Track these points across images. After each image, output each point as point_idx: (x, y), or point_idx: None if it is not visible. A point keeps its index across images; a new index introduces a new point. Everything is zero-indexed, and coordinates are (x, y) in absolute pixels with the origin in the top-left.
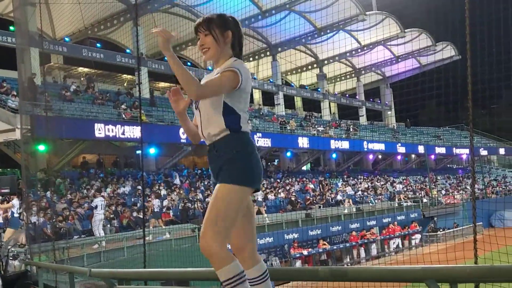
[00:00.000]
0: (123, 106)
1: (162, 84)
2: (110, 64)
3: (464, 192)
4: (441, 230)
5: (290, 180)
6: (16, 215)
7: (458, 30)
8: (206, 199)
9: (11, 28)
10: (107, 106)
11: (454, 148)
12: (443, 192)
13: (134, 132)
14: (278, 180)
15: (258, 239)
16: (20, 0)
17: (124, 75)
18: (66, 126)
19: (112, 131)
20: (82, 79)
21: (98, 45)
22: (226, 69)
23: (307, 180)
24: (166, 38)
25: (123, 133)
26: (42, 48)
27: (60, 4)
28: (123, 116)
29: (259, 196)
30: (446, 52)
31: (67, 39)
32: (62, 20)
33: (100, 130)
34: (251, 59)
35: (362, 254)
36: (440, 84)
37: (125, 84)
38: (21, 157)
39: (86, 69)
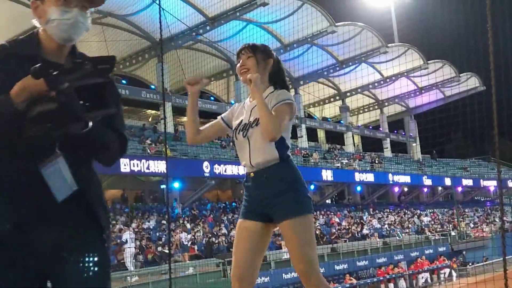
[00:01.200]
0: (147, 141)
1: (186, 119)
2: (135, 100)
3: (492, 225)
4: (470, 264)
5: (315, 213)
6: None
7: (482, 61)
8: (230, 233)
9: None
10: (132, 141)
11: (481, 180)
12: (471, 225)
13: (158, 166)
14: None
15: (283, 274)
16: None
17: (149, 111)
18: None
19: (137, 166)
20: None
21: (124, 81)
22: (282, 102)
23: (332, 213)
24: (256, 81)
25: (147, 168)
26: None
27: (87, 42)
28: (148, 151)
29: None
30: (470, 83)
31: None
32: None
33: (126, 165)
34: None
35: None
36: (466, 115)
37: (149, 119)
38: None
39: None
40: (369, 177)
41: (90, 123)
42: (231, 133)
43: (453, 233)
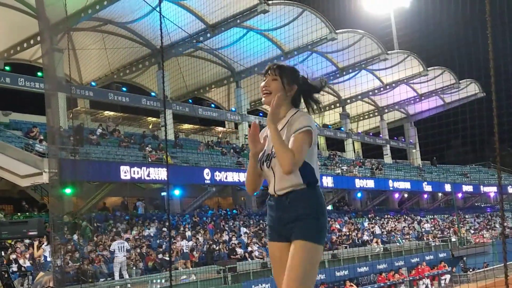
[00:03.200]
0: (148, 148)
1: (186, 126)
2: (136, 107)
3: (493, 231)
4: (470, 270)
5: None
6: (49, 259)
7: (482, 67)
8: (231, 241)
9: (39, 74)
10: (133, 149)
11: (481, 186)
12: (472, 231)
13: (159, 174)
14: None
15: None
16: (48, 46)
17: (149, 118)
18: (92, 169)
19: (138, 173)
20: (109, 123)
21: (124, 89)
22: (300, 130)
23: (333, 220)
24: (275, 112)
25: (148, 175)
26: (69, 93)
27: (87, 50)
28: (149, 158)
29: None
30: (470, 89)
31: (93, 83)
32: (88, 65)
33: (126, 173)
34: None
35: None
36: (466, 121)
37: (150, 127)
38: (48, 200)
39: (112, 113)
40: (369, 184)
41: None
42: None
43: (453, 239)
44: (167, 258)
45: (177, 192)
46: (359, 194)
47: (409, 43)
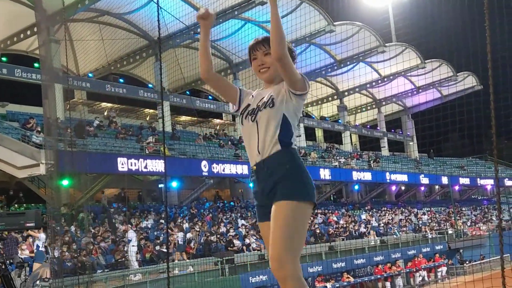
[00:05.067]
0: (150, 138)
1: (184, 118)
2: (133, 99)
3: (490, 223)
4: (467, 262)
5: (313, 212)
6: (41, 248)
7: (480, 60)
8: (228, 233)
9: (36, 65)
10: (130, 141)
11: (478, 179)
12: (469, 223)
13: (156, 165)
14: None
15: None
16: (45, 37)
17: (146, 110)
18: (90, 160)
19: (135, 165)
20: (105, 113)
21: (121, 80)
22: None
23: (330, 212)
24: None
25: (145, 167)
26: (66, 85)
27: (84, 41)
28: (146, 150)
29: None
30: (468, 82)
31: (90, 75)
32: (85, 57)
33: (123, 164)
34: None
35: (388, 287)
36: (463, 114)
37: (147, 118)
38: (45, 191)
39: (109, 104)
40: (367, 176)
41: None
42: (238, 117)
43: (450, 232)
44: (165, 250)
45: (174, 184)
46: (356, 187)
47: (407, 35)
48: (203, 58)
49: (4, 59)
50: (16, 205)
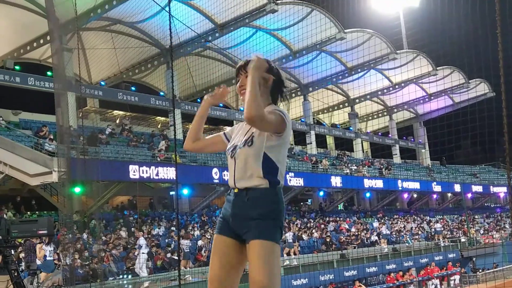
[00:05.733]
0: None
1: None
2: (145, 107)
3: (503, 231)
4: (480, 270)
5: (324, 220)
6: (49, 258)
7: (492, 66)
8: None
9: (49, 73)
10: (142, 148)
11: (491, 187)
12: (482, 231)
13: (168, 173)
14: (312, 220)
15: (292, 280)
16: (58, 46)
17: (158, 117)
18: (101, 168)
19: (147, 173)
20: (117, 121)
21: (133, 88)
22: (273, 111)
23: (341, 219)
24: (260, 65)
25: (157, 175)
26: (79, 93)
27: (96, 49)
28: (157, 157)
29: (289, 237)
30: (480, 89)
31: (103, 83)
32: (98, 65)
33: (135, 172)
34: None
35: None
36: (475, 121)
37: (159, 126)
38: (58, 199)
39: (121, 112)
40: (378, 184)
41: None
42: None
43: (463, 240)
44: (176, 257)
45: (185, 191)
46: (368, 194)
47: (418, 42)
48: (195, 132)
49: (17, 67)
50: (28, 212)
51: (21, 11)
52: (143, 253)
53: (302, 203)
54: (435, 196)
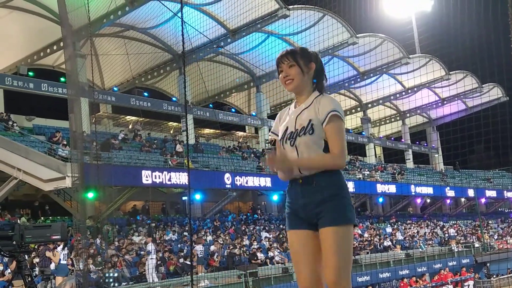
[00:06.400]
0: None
1: (207, 131)
2: (157, 112)
3: None
4: (494, 276)
5: None
6: (63, 262)
7: (505, 71)
8: (252, 246)
9: (62, 79)
10: (154, 153)
11: (505, 191)
12: (496, 236)
13: (180, 178)
14: None
15: None
16: (71, 52)
17: (170, 123)
18: (114, 173)
19: (159, 178)
20: (130, 127)
21: (145, 94)
22: (330, 112)
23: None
24: (281, 161)
25: (169, 180)
26: (92, 98)
27: (109, 55)
28: (170, 162)
29: None
30: (493, 93)
31: (115, 88)
32: (110, 71)
33: (148, 177)
34: None
35: None
36: (489, 126)
37: (171, 131)
38: (71, 204)
39: (134, 118)
40: (391, 188)
41: None
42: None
43: (476, 245)
44: (188, 263)
45: (198, 196)
46: (380, 199)
47: (430, 47)
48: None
49: (31, 73)
50: (42, 217)
51: (35, 18)
52: (151, 258)
53: None
54: (448, 201)
